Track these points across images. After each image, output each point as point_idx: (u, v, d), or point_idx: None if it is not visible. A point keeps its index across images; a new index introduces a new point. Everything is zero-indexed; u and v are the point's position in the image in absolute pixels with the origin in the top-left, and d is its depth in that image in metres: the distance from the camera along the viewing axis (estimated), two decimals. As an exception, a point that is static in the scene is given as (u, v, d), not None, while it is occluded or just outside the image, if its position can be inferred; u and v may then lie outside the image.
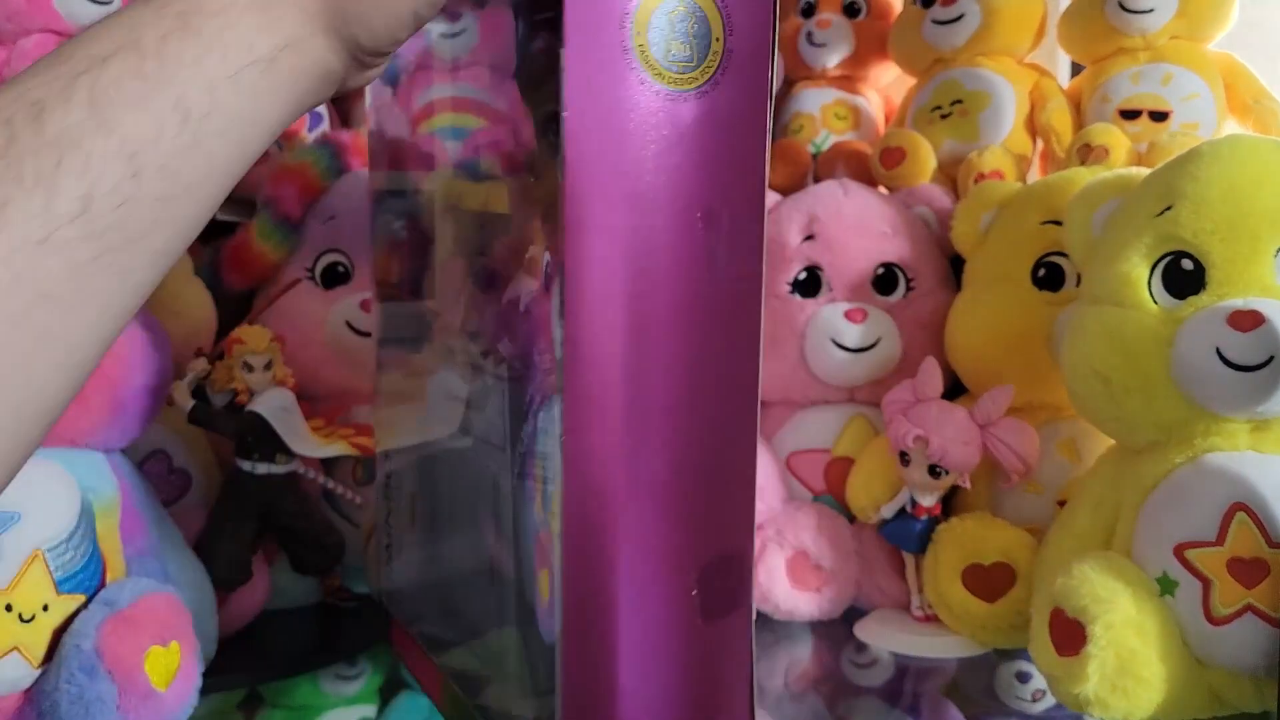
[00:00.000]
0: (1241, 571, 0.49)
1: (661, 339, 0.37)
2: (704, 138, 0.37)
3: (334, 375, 0.74)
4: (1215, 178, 0.54)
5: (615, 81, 0.35)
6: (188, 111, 0.30)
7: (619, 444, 0.37)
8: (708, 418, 0.38)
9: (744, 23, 0.37)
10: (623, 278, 0.36)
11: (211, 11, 0.31)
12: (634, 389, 0.37)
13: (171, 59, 0.30)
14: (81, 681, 0.47)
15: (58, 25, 0.85)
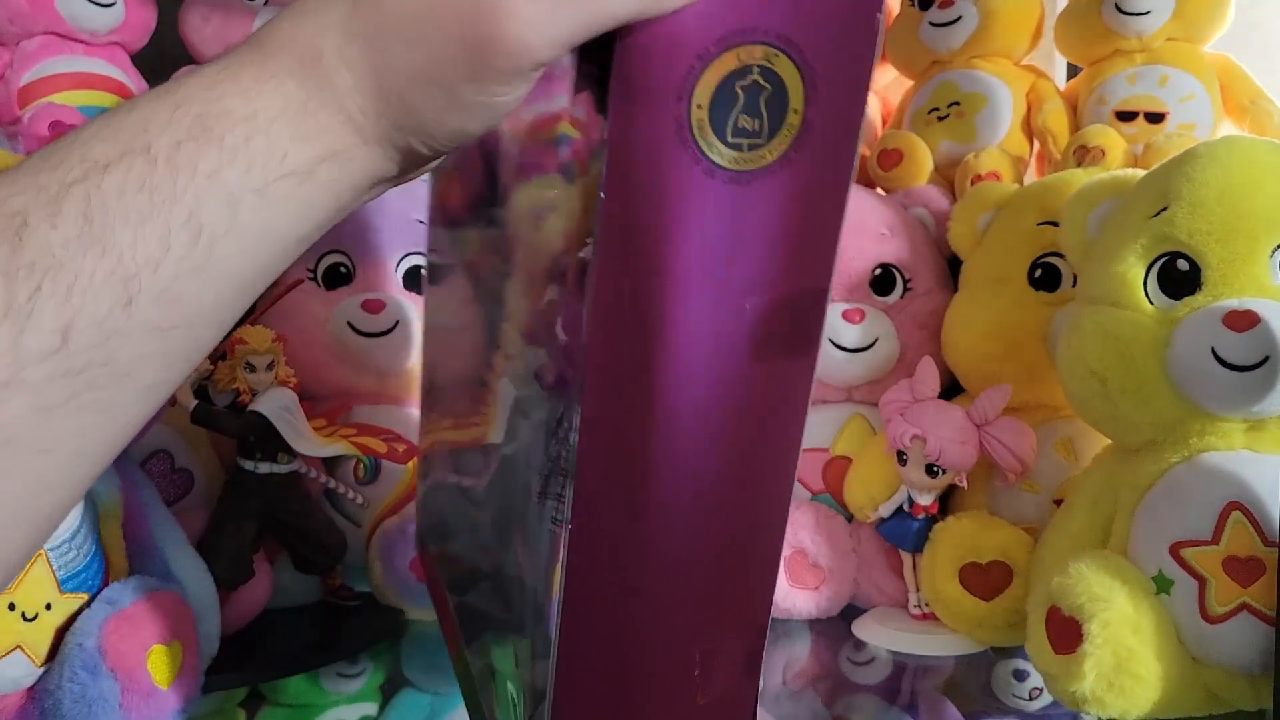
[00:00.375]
0: (1237, 570, 0.49)
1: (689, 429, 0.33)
2: (765, 220, 0.32)
3: (335, 375, 0.74)
4: (1211, 179, 0.54)
5: (665, 163, 0.30)
6: (200, 230, 0.26)
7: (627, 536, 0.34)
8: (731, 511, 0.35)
9: (831, 89, 0.31)
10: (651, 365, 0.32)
11: (238, 116, 0.26)
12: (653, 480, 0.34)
13: (185, 169, 0.26)
14: (84, 680, 0.47)
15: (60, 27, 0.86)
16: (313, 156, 0.27)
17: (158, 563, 0.55)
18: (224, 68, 0.27)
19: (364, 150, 0.28)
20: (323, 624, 0.67)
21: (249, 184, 0.26)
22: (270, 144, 0.26)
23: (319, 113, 0.27)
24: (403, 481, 0.73)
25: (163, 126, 0.26)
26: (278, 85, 0.27)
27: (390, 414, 0.74)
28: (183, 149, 0.26)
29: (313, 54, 0.27)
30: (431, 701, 0.58)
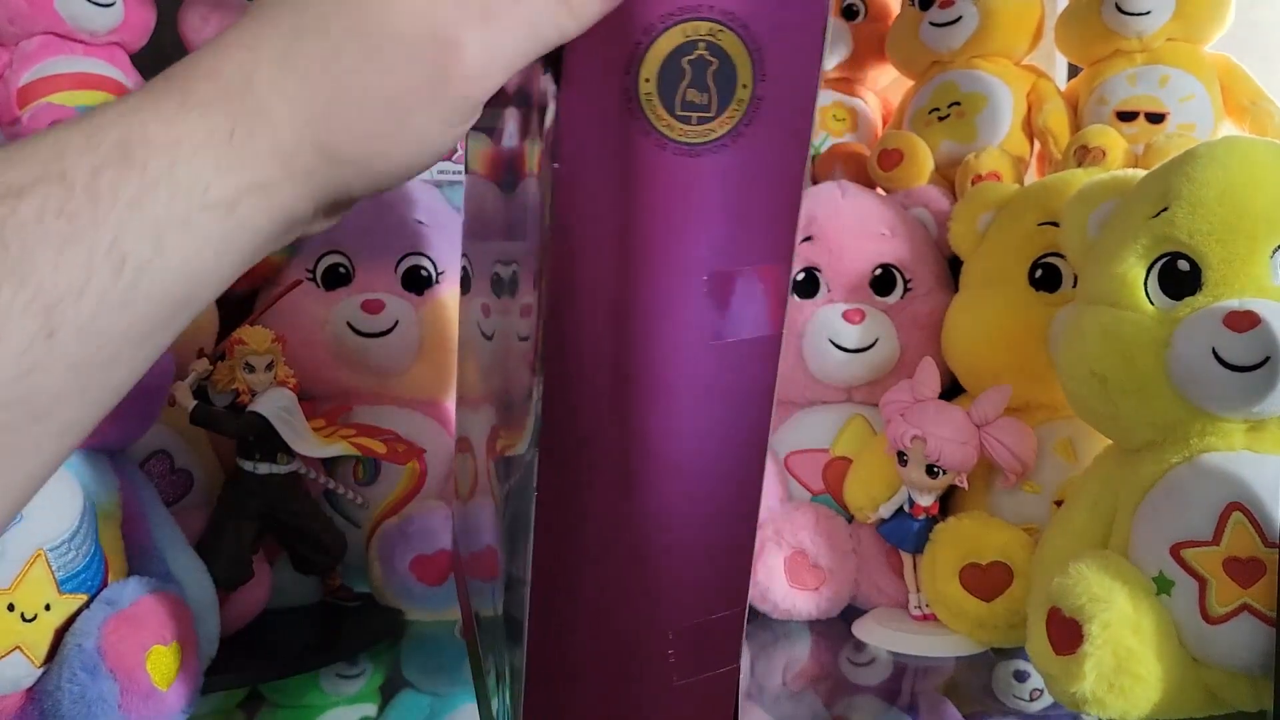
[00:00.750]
0: (1237, 571, 0.49)
1: (652, 406, 0.34)
2: (717, 193, 0.32)
3: (335, 376, 0.74)
4: (1211, 179, 0.54)
5: (616, 134, 0.31)
6: (124, 260, 0.24)
7: (588, 515, 0.34)
8: (697, 491, 0.35)
9: (781, 66, 0.31)
10: (610, 341, 0.33)
11: (160, 144, 0.25)
12: (616, 455, 0.34)
13: (105, 197, 0.24)
14: (83, 680, 0.47)
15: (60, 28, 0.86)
16: (237, 188, 0.26)
17: (157, 563, 0.55)
18: (144, 95, 0.26)
19: (289, 185, 0.27)
20: (322, 625, 0.67)
21: (173, 213, 0.25)
22: (194, 174, 0.25)
23: (245, 143, 0.26)
24: (403, 482, 0.73)
25: (79, 152, 0.25)
26: (202, 114, 0.26)
27: (390, 414, 0.74)
28: (102, 175, 0.25)
29: (241, 84, 0.26)
30: (431, 702, 0.58)
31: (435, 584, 0.67)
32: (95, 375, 0.25)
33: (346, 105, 0.27)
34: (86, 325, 0.24)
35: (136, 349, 0.26)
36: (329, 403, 0.73)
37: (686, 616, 0.37)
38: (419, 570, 0.67)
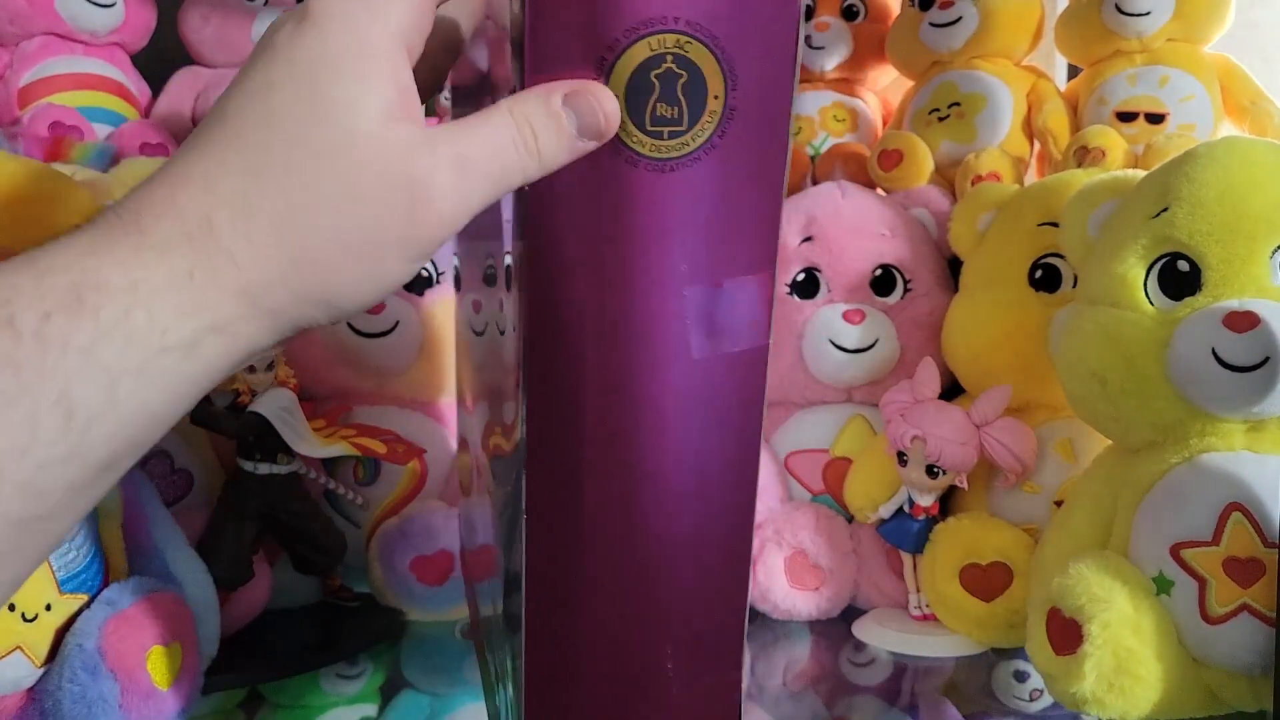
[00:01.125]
0: (1237, 571, 0.49)
1: (638, 424, 0.33)
2: (695, 209, 0.31)
3: (335, 376, 0.74)
4: (1211, 180, 0.54)
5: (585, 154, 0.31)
6: (71, 412, 0.23)
7: (574, 529, 0.34)
8: (684, 505, 0.35)
9: (753, 74, 0.31)
10: (591, 359, 0.32)
11: (116, 287, 0.24)
12: (595, 473, 0.33)
13: (55, 345, 0.23)
14: (84, 680, 0.47)
15: (60, 28, 0.86)
16: (196, 329, 0.25)
17: (157, 563, 0.55)
18: (97, 234, 0.25)
19: (251, 322, 0.26)
20: (322, 625, 0.67)
21: (127, 361, 0.24)
22: (151, 318, 0.24)
23: (206, 285, 0.25)
24: (402, 482, 0.73)
25: (30, 296, 0.23)
26: (160, 256, 0.25)
27: (390, 414, 0.74)
28: (52, 321, 0.23)
29: (202, 225, 0.26)
30: (431, 702, 0.58)
31: (435, 584, 0.67)
32: (34, 530, 0.24)
33: (315, 248, 0.27)
34: (29, 482, 0.23)
35: (80, 499, 0.25)
36: (329, 403, 0.73)
37: (682, 627, 0.36)
38: (419, 570, 0.67)
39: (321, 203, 0.26)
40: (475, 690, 0.59)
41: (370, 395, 0.75)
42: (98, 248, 0.25)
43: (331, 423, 0.68)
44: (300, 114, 0.26)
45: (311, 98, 0.26)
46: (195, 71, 0.96)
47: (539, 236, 0.31)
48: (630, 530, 0.34)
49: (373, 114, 0.27)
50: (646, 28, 0.30)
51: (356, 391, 0.75)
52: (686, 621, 0.36)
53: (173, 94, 0.95)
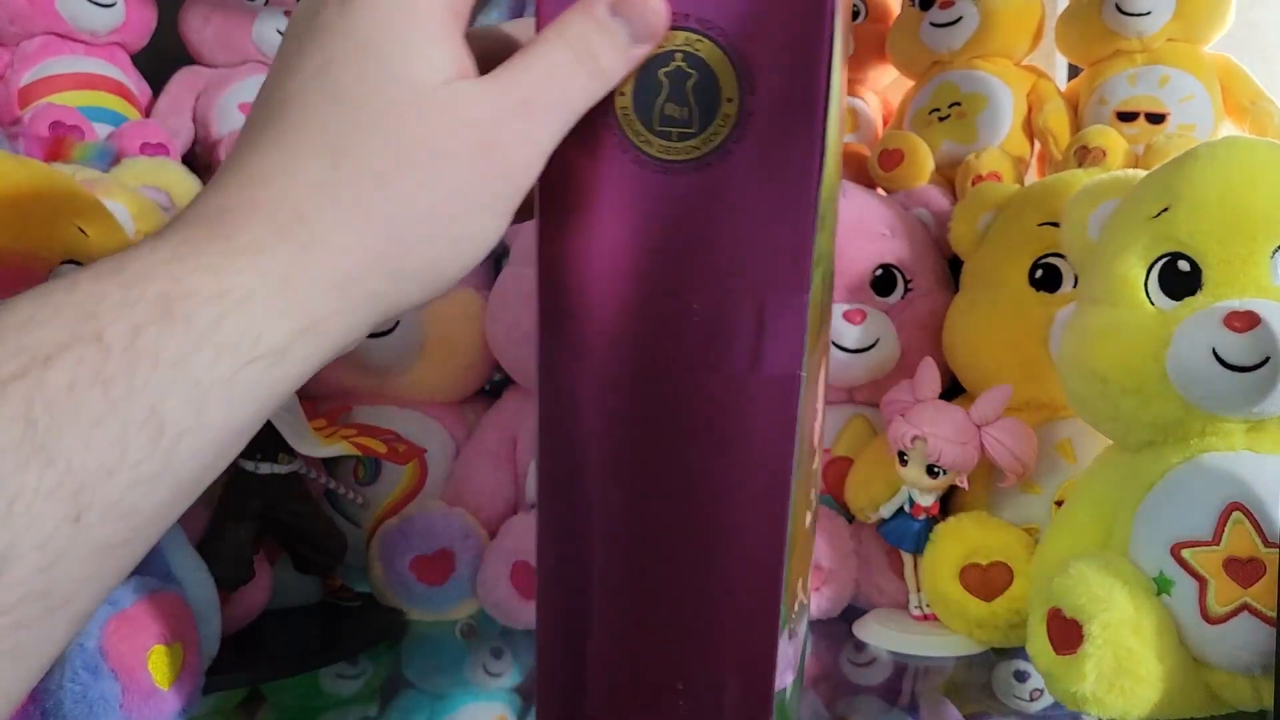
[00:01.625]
0: (1238, 571, 0.49)
1: (649, 448, 0.32)
2: (704, 215, 0.30)
3: (335, 376, 0.74)
4: (1212, 179, 0.54)
5: (591, 150, 0.30)
6: (161, 430, 0.22)
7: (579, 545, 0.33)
8: (698, 534, 0.33)
9: (772, 78, 0.29)
10: (598, 365, 0.31)
11: (205, 294, 0.23)
12: (601, 491, 0.32)
13: (146, 359, 0.22)
14: (85, 680, 0.47)
15: (60, 28, 0.86)
16: (290, 334, 0.24)
17: (158, 563, 0.55)
18: (181, 241, 0.24)
19: (344, 316, 0.26)
20: (323, 625, 0.67)
21: (217, 373, 0.23)
22: (244, 325, 0.23)
23: (300, 284, 0.24)
24: (403, 482, 0.74)
25: (117, 307, 0.22)
26: (253, 259, 0.24)
27: (390, 414, 0.74)
28: (143, 334, 0.22)
29: (291, 219, 0.25)
30: (431, 702, 0.58)
31: (435, 584, 0.67)
32: (119, 555, 0.23)
33: (406, 220, 0.26)
34: (115, 505, 0.22)
35: (163, 521, 0.24)
36: (329, 403, 0.73)
37: (694, 668, 0.34)
38: (419, 570, 0.67)
39: (403, 172, 0.26)
40: (475, 690, 0.59)
41: (370, 395, 0.75)
42: (183, 254, 0.24)
43: (332, 423, 0.68)
44: (367, 87, 0.26)
45: (376, 69, 0.26)
46: (196, 71, 0.96)
47: (548, 235, 0.30)
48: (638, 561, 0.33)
49: (436, 76, 0.26)
50: None
51: (356, 391, 0.75)
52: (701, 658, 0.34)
53: (173, 94, 0.95)
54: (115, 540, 0.22)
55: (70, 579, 0.22)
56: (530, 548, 0.69)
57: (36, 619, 0.21)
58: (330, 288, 0.25)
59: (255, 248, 0.24)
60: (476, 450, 0.75)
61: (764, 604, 0.33)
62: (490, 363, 0.77)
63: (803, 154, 0.29)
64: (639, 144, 0.30)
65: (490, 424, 0.76)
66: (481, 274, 0.79)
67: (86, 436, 0.21)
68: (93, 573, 0.22)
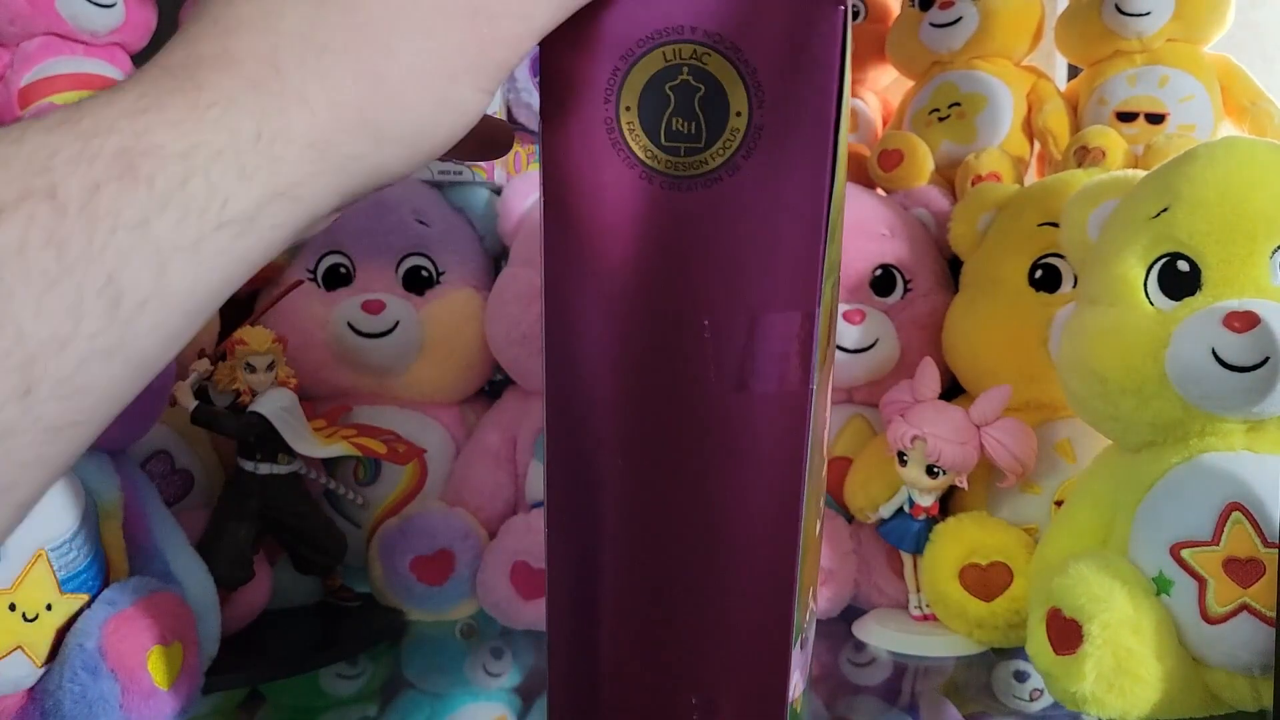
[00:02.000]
0: (1237, 571, 0.49)
1: (656, 463, 0.31)
2: (715, 233, 0.29)
3: (336, 376, 0.74)
4: (1211, 180, 0.54)
5: (597, 165, 0.29)
6: (118, 298, 0.20)
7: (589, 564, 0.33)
8: (710, 553, 0.32)
9: (784, 91, 0.28)
10: (610, 390, 0.31)
11: (171, 152, 0.21)
12: (612, 509, 0.32)
13: (104, 220, 0.20)
14: (85, 680, 0.47)
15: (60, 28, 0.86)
16: (260, 197, 0.22)
17: (158, 563, 0.55)
18: (144, 93, 0.22)
19: (319, 181, 0.24)
20: (323, 625, 0.67)
21: (181, 238, 0.21)
22: (210, 187, 0.21)
23: (274, 143, 0.22)
24: (403, 482, 0.74)
25: (72, 162, 0.20)
26: (222, 113, 0.22)
27: (390, 414, 0.74)
28: (101, 193, 0.20)
29: (267, 70, 0.23)
30: (431, 702, 0.58)
31: (435, 584, 0.67)
32: (68, 437, 0.21)
33: (391, 80, 0.24)
34: (68, 379, 0.20)
35: (116, 401, 0.22)
36: (329, 403, 0.73)
37: (707, 685, 0.34)
38: (419, 570, 0.67)
39: (390, 28, 0.24)
40: (475, 690, 0.59)
41: (370, 395, 0.75)
42: (147, 106, 0.22)
43: (331, 423, 0.68)
44: None
45: None
46: (196, 72, 0.96)
47: (554, 251, 0.30)
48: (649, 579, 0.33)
49: None
50: (662, 36, 0.28)
51: (356, 391, 0.75)
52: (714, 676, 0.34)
53: (173, 94, 0.95)
54: (65, 420, 0.20)
55: (15, 462, 0.20)
56: (530, 548, 0.69)
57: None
58: (306, 148, 0.23)
59: (225, 101, 0.22)
60: (476, 450, 0.75)
61: (778, 615, 0.33)
62: (490, 363, 0.77)
63: (814, 167, 0.29)
64: (645, 160, 0.29)
65: (490, 424, 0.76)
66: (481, 274, 0.80)
67: (38, 303, 0.19)
68: (39, 455, 0.20)
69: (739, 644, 0.34)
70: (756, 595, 0.33)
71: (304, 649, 0.63)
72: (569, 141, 0.29)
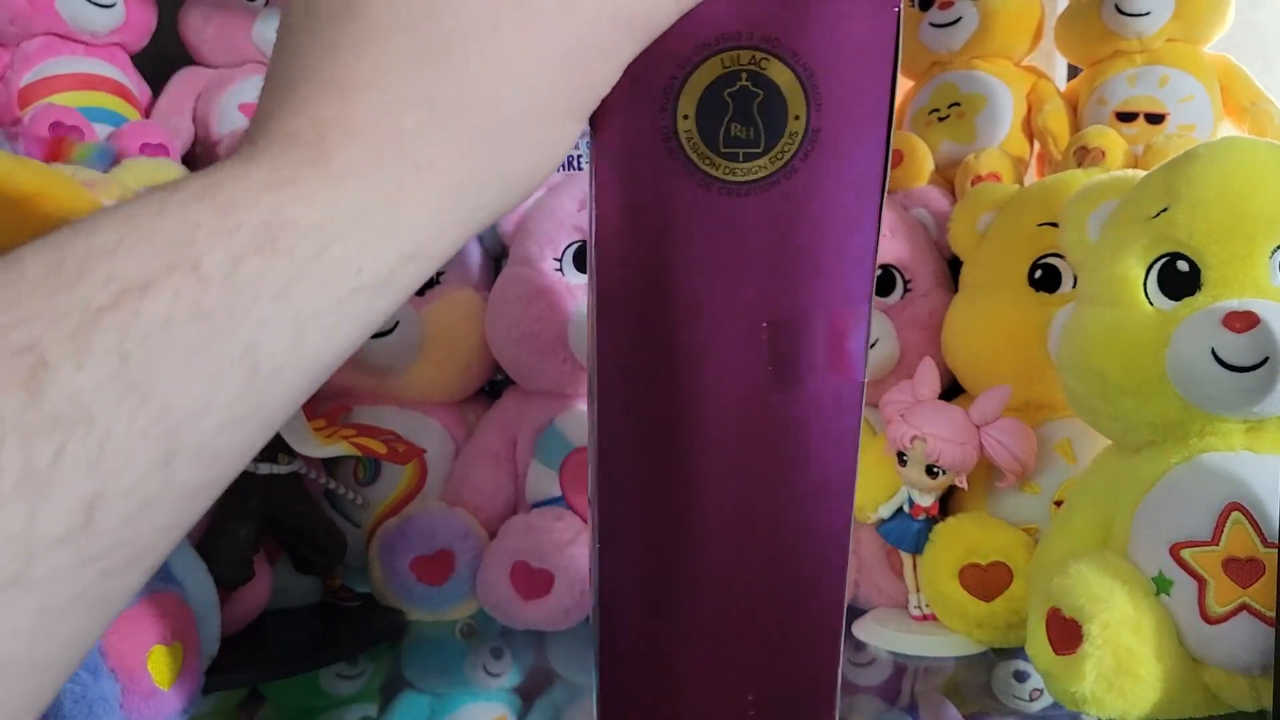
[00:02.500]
0: (1236, 571, 0.49)
1: (713, 463, 0.32)
2: (774, 236, 0.30)
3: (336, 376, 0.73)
4: (1211, 180, 0.54)
5: (652, 174, 0.29)
6: (255, 366, 0.21)
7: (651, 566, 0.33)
8: (768, 549, 0.33)
9: (840, 94, 0.29)
10: (660, 390, 0.31)
11: (308, 224, 0.21)
12: (672, 511, 0.32)
13: (247, 291, 0.20)
14: (85, 680, 0.47)
15: (60, 28, 0.86)
16: (394, 261, 0.23)
17: (158, 563, 0.55)
18: (276, 166, 0.22)
19: (447, 235, 0.24)
20: (323, 625, 0.67)
21: (318, 305, 0.22)
22: (346, 255, 0.22)
23: (404, 206, 0.23)
24: (403, 482, 0.74)
25: (214, 235, 0.20)
26: (354, 185, 0.22)
27: (390, 414, 0.74)
28: (244, 265, 0.20)
29: (390, 137, 0.23)
30: (431, 702, 0.58)
31: (435, 584, 0.67)
32: (199, 500, 0.21)
33: (502, 130, 0.25)
34: (204, 447, 0.20)
35: (242, 463, 0.22)
36: (329, 403, 0.73)
37: (763, 682, 0.34)
38: (419, 570, 0.67)
39: (495, 81, 0.24)
40: (475, 690, 0.59)
41: (370, 395, 0.75)
42: (282, 181, 0.22)
43: (332, 423, 0.68)
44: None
45: None
46: (196, 72, 0.96)
47: (607, 261, 0.30)
48: (706, 572, 0.33)
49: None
50: (720, 43, 0.28)
51: (356, 391, 0.75)
52: (771, 673, 0.34)
53: (173, 94, 0.95)
54: (199, 485, 0.21)
55: (154, 528, 0.20)
56: (529, 548, 0.69)
57: (121, 569, 0.20)
58: (433, 210, 0.23)
59: (356, 172, 0.23)
60: (476, 450, 0.75)
61: (830, 609, 0.34)
62: (490, 363, 0.77)
63: (870, 166, 0.30)
64: (704, 167, 0.29)
65: (490, 424, 0.76)
66: (481, 274, 0.80)
67: (182, 374, 0.20)
68: (174, 521, 0.21)
69: (794, 639, 0.34)
70: (810, 589, 0.33)
71: (304, 649, 0.63)
72: (621, 151, 0.29)
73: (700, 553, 0.33)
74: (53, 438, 0.18)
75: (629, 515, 0.33)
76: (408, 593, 0.67)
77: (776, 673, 0.34)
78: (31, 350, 0.18)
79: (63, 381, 0.18)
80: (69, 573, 0.19)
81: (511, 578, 0.65)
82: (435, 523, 0.68)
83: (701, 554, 0.33)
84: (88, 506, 0.19)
